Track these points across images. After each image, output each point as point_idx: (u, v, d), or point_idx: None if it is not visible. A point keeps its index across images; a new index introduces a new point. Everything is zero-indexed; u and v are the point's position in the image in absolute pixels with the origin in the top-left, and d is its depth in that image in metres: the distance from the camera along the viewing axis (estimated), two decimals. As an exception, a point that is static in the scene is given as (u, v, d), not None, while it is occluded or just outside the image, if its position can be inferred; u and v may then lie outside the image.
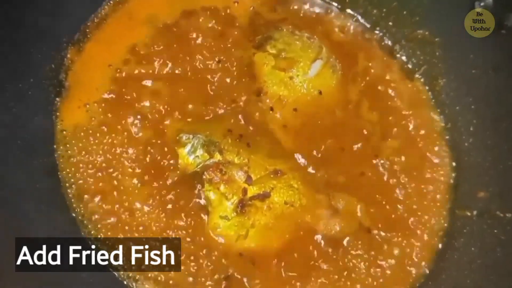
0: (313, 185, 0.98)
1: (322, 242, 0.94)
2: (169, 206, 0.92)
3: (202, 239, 0.91)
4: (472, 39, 1.01)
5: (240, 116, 1.00)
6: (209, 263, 0.89)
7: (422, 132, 1.07)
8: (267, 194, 0.94)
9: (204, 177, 0.93)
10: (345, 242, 0.94)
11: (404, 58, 1.15)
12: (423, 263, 0.96)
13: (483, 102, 1.04)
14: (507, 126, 0.99)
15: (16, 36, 0.92)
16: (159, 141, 0.96)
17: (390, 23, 1.15)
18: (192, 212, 0.92)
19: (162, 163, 0.95)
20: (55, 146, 0.95)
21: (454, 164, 1.04)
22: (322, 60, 1.06)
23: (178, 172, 0.95)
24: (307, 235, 0.94)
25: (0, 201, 0.81)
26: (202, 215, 0.92)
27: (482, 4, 0.87)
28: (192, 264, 0.89)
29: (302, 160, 0.99)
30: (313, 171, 0.99)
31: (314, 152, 1.00)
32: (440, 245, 0.97)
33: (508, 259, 0.88)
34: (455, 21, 1.01)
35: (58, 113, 0.98)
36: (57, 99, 0.98)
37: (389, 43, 1.16)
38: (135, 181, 0.93)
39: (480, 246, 0.93)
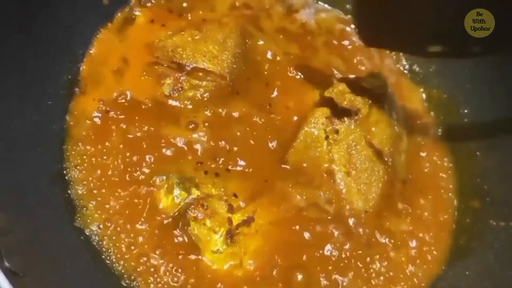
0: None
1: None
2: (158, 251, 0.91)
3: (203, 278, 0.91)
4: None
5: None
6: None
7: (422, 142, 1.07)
8: (251, 218, 0.94)
9: (187, 215, 0.93)
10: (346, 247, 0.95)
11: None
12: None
13: (478, 114, 1.05)
14: (502, 137, 1.00)
15: (36, 48, 0.95)
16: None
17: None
18: (183, 252, 0.91)
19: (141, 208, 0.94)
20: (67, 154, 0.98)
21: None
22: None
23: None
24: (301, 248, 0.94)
25: (18, 207, 0.86)
26: (194, 255, 0.92)
27: None
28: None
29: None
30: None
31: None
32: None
33: (501, 266, 0.88)
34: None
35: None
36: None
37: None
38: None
39: (474, 253, 0.92)
